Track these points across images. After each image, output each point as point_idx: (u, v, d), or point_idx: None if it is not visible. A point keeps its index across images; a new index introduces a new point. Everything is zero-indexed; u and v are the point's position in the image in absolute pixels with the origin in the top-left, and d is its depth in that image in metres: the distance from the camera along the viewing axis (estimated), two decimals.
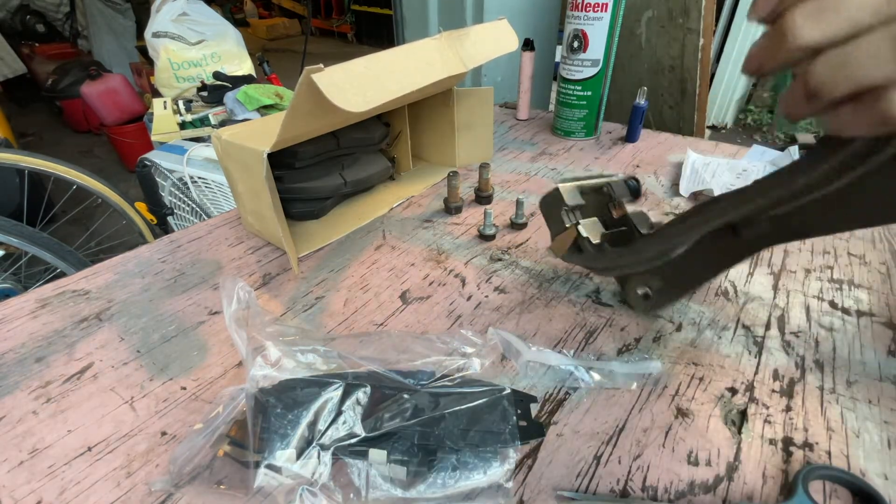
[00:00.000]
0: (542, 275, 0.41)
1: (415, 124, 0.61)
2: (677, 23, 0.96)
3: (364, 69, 0.34)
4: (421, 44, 0.41)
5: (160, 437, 0.28)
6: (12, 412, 0.29)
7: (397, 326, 0.36)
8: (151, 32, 1.83)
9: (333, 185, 0.50)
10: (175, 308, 0.38)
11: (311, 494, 0.23)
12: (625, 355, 0.33)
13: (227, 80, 1.68)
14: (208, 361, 0.33)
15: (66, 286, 0.41)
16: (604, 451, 0.26)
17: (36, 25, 3.31)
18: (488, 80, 1.03)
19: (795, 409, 0.28)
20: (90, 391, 0.31)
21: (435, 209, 0.53)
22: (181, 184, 1.14)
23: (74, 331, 0.36)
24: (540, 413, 0.29)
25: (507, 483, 0.24)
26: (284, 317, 0.37)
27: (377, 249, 0.46)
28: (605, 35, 0.61)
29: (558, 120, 0.70)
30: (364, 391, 0.26)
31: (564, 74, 0.66)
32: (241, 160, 0.42)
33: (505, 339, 0.31)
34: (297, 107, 0.34)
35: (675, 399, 0.29)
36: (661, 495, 0.24)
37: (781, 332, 0.34)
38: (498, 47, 0.49)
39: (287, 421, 0.25)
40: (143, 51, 2.84)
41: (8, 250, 1.04)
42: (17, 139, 2.40)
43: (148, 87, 2.51)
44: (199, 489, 0.24)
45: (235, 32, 1.97)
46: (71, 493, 0.25)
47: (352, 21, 5.29)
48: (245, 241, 0.48)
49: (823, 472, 0.24)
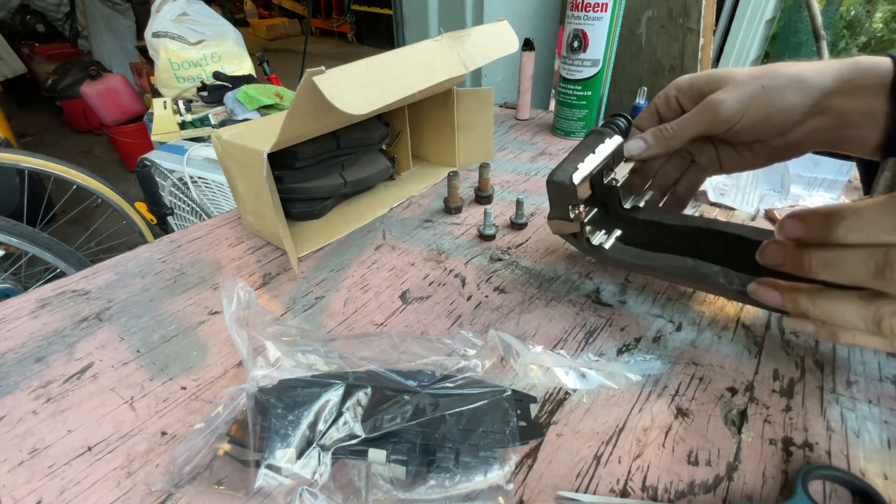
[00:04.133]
0: (542, 275, 0.41)
1: (415, 124, 0.61)
2: (677, 23, 0.96)
3: (365, 71, 0.34)
4: (421, 45, 0.41)
5: (160, 437, 0.28)
6: (12, 412, 0.29)
7: (397, 326, 0.36)
8: (151, 32, 1.83)
9: (333, 185, 0.50)
10: (175, 308, 0.38)
11: (311, 495, 0.23)
12: (625, 355, 0.33)
13: (227, 80, 1.68)
14: (208, 361, 0.33)
15: (66, 286, 0.41)
16: (604, 451, 0.26)
17: (36, 25, 3.31)
18: (488, 81, 1.03)
19: (795, 409, 0.28)
20: (90, 391, 0.31)
21: (435, 209, 0.53)
22: (181, 184, 1.14)
23: (74, 331, 0.36)
24: (540, 413, 0.29)
25: (507, 485, 0.24)
26: (284, 317, 0.37)
27: (377, 249, 0.46)
28: (605, 35, 0.61)
29: (558, 120, 0.70)
30: (365, 392, 0.26)
31: (564, 74, 0.67)
32: (242, 160, 0.42)
33: (505, 340, 0.31)
34: (297, 108, 0.34)
35: (675, 399, 0.29)
36: (661, 495, 0.24)
37: (781, 332, 0.34)
38: (498, 49, 0.49)
39: (287, 421, 0.25)
40: (143, 51, 2.85)
41: (8, 250, 1.04)
42: (17, 139, 2.40)
43: (148, 87, 2.51)
44: (199, 489, 0.24)
45: (235, 32, 1.97)
46: (71, 493, 0.25)
47: (352, 21, 5.29)
48: (245, 241, 0.48)
49: (823, 472, 0.24)
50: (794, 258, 0.25)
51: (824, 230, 0.23)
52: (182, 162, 1.12)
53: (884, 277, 0.21)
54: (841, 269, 0.23)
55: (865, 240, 0.22)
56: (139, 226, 1.24)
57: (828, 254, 0.23)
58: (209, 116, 1.52)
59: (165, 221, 1.20)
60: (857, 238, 0.22)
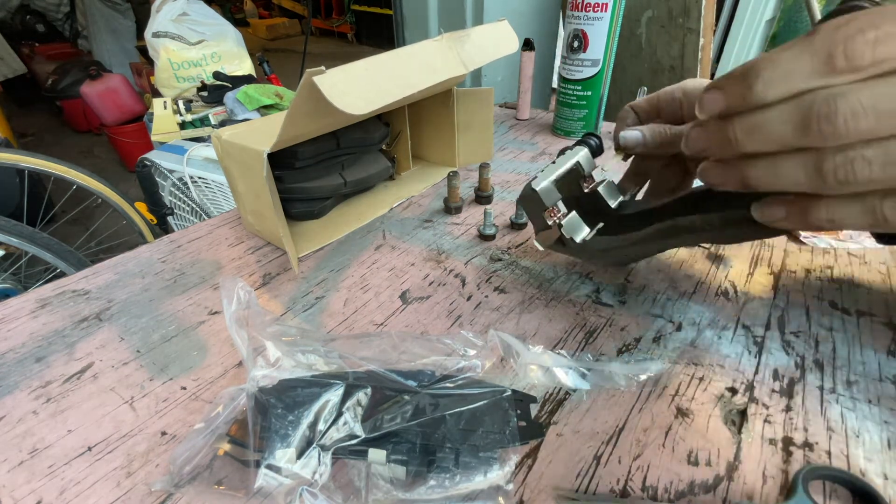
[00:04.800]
0: (542, 275, 0.41)
1: (415, 124, 0.61)
2: (677, 23, 0.96)
3: (365, 71, 0.34)
4: (422, 45, 0.41)
5: (160, 437, 0.28)
6: (12, 412, 0.29)
7: (397, 326, 0.36)
8: (151, 32, 1.83)
9: (333, 185, 0.50)
10: (175, 308, 0.38)
11: (311, 495, 0.23)
12: (625, 355, 0.33)
13: (227, 80, 1.68)
14: (208, 361, 0.33)
15: (66, 286, 0.41)
16: (604, 451, 0.26)
17: (36, 25, 3.31)
18: (488, 81, 1.03)
19: (795, 408, 0.28)
20: (90, 391, 0.31)
21: (435, 209, 0.53)
22: (181, 184, 1.14)
23: (74, 331, 0.36)
24: (540, 413, 0.29)
25: (507, 485, 0.24)
26: (284, 317, 0.37)
27: (377, 249, 0.46)
28: (605, 35, 0.61)
29: (558, 120, 0.70)
30: (365, 392, 0.26)
31: (564, 74, 0.67)
32: (242, 160, 0.42)
33: (505, 340, 0.31)
34: (297, 108, 0.34)
35: (675, 399, 0.29)
36: (661, 495, 0.24)
37: (781, 332, 0.34)
38: (498, 49, 0.49)
39: (287, 421, 0.25)
40: (143, 51, 2.85)
41: (8, 250, 1.04)
42: (17, 139, 2.40)
43: (148, 87, 2.51)
44: (199, 489, 0.24)
45: (235, 32, 1.97)
46: (71, 493, 0.25)
47: (352, 21, 5.29)
48: (245, 241, 0.48)
49: (823, 472, 0.24)
50: (719, 134, 0.22)
51: (744, 92, 0.20)
52: (182, 162, 1.12)
53: (811, 130, 0.18)
54: (767, 132, 0.20)
55: (787, 90, 0.19)
56: (139, 226, 1.24)
57: (751, 118, 0.20)
58: (209, 116, 1.52)
59: (165, 221, 1.20)
60: (777, 92, 0.19)
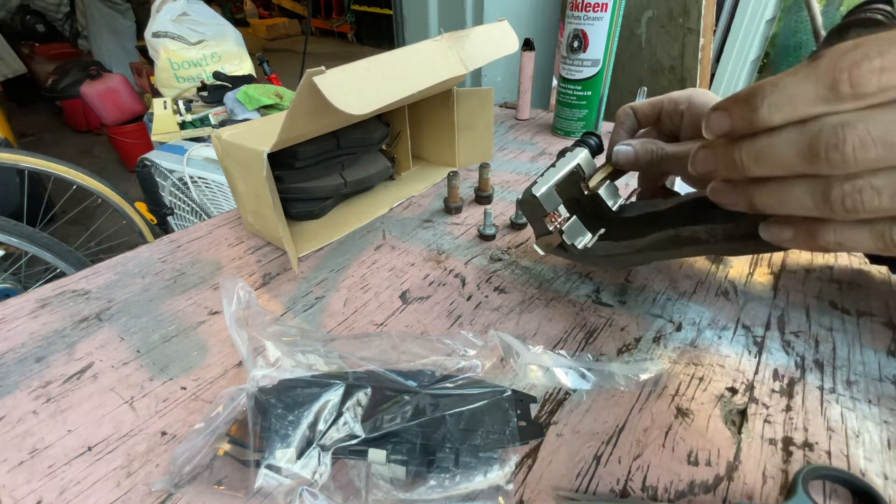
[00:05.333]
0: (542, 275, 0.41)
1: (415, 124, 0.61)
2: (677, 23, 0.96)
3: (365, 71, 0.34)
4: (422, 45, 0.41)
5: (160, 437, 0.28)
6: (12, 412, 0.29)
7: (397, 326, 0.36)
8: (151, 32, 1.83)
9: (333, 185, 0.50)
10: (175, 308, 0.38)
11: (311, 495, 0.23)
12: (625, 355, 0.33)
13: (227, 80, 1.68)
14: (208, 361, 0.33)
15: (66, 286, 0.41)
16: (604, 451, 0.26)
17: (36, 25, 3.31)
18: (488, 81, 1.03)
19: (795, 408, 0.28)
20: (90, 391, 0.31)
21: (435, 209, 0.53)
22: (181, 184, 1.14)
23: (74, 331, 0.36)
24: (540, 413, 0.29)
25: (507, 485, 0.24)
26: (284, 317, 0.37)
27: (377, 249, 0.46)
28: (605, 35, 0.61)
29: (558, 120, 0.70)
30: (365, 392, 0.26)
31: (564, 74, 0.67)
32: (242, 160, 0.42)
33: (505, 340, 0.31)
34: (297, 108, 0.34)
35: (675, 399, 0.29)
36: (661, 495, 0.24)
37: (781, 332, 0.34)
38: (499, 49, 0.49)
39: (287, 421, 0.25)
40: (143, 51, 2.85)
41: (8, 250, 1.04)
42: (17, 139, 2.40)
43: (148, 87, 2.52)
44: (199, 489, 0.24)
45: (235, 32, 1.97)
46: (71, 493, 0.25)
47: (352, 21, 5.29)
48: (245, 241, 0.48)
49: (823, 471, 0.24)
50: (725, 157, 0.21)
51: (750, 115, 0.20)
52: (182, 162, 1.12)
53: (819, 158, 0.18)
54: (773, 157, 0.20)
55: (792, 115, 0.19)
56: (139, 226, 1.24)
57: (757, 142, 0.20)
58: (209, 116, 1.52)
59: (165, 221, 1.20)
60: (783, 116, 0.19)
